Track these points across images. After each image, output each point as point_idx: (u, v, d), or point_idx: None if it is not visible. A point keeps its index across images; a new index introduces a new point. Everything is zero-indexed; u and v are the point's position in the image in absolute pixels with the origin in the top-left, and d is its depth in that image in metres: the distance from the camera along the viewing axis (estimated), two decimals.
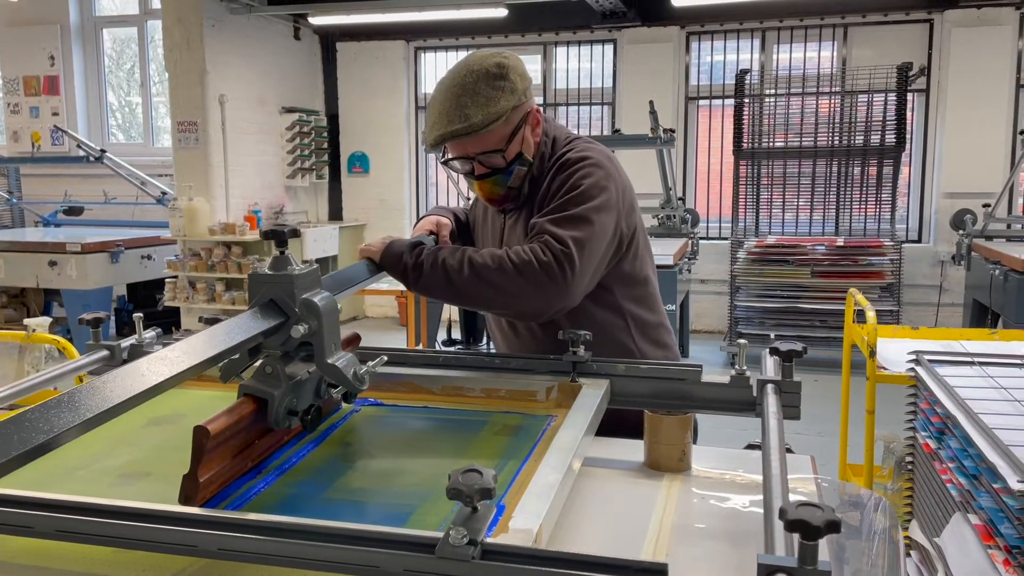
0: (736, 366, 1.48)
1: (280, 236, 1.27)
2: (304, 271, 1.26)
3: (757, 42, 7.80)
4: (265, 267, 1.26)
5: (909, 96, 7.04)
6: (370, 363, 1.33)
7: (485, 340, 6.69)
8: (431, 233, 1.90)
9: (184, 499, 1.09)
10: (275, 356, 1.24)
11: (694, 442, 1.90)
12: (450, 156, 1.80)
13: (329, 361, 1.25)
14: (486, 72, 1.69)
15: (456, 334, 7.04)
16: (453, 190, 8.14)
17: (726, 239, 7.54)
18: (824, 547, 0.82)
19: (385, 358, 1.40)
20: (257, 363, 1.26)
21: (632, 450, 1.44)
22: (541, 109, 1.85)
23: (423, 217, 1.99)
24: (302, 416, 1.27)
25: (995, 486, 1.55)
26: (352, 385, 1.27)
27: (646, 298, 1.90)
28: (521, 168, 1.79)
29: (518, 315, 1.77)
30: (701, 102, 8.08)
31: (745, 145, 7.20)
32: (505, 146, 1.74)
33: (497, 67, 1.70)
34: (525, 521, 0.99)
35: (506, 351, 1.93)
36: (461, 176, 1.93)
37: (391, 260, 1.69)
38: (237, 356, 1.21)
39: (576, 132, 2.09)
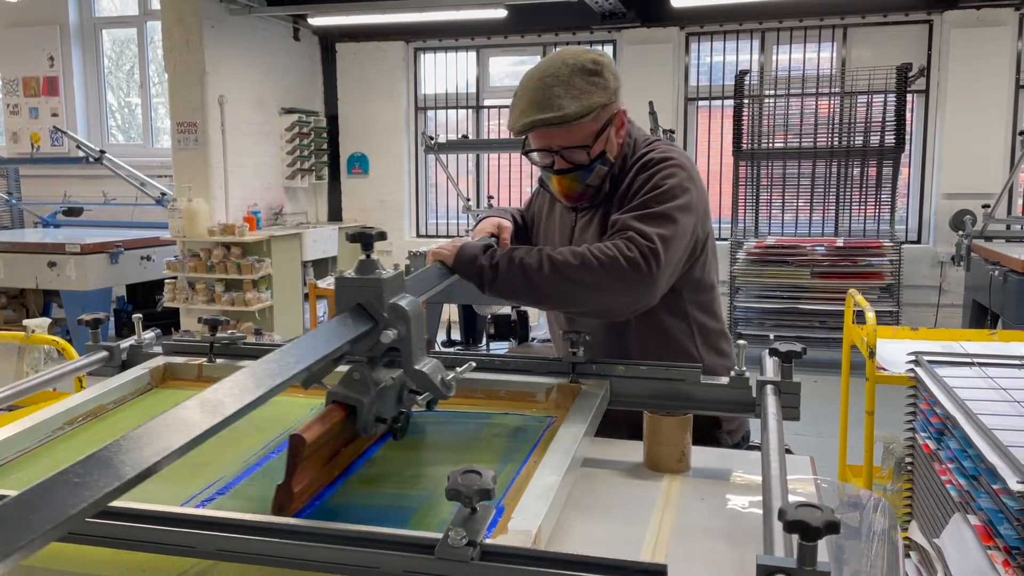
0: (736, 367, 1.48)
1: (367, 239, 1.23)
2: (392, 275, 1.22)
3: (756, 43, 7.80)
4: (348, 272, 1.23)
5: (908, 97, 7.04)
6: (458, 368, 1.30)
7: (484, 341, 6.68)
8: (492, 235, 1.86)
9: (278, 510, 1.06)
10: (361, 362, 1.21)
11: (743, 447, 1.89)
12: (532, 147, 1.78)
13: (417, 367, 1.22)
14: (582, 67, 1.69)
15: (456, 335, 7.04)
16: (452, 191, 8.14)
17: (725, 240, 7.54)
18: (823, 548, 0.82)
19: (473, 364, 1.36)
20: (340, 369, 1.23)
21: (632, 451, 1.44)
22: (627, 111, 1.83)
23: (482, 219, 1.95)
24: (391, 424, 1.22)
25: (994, 487, 1.55)
26: (440, 392, 1.23)
27: (711, 305, 1.89)
28: (602, 167, 1.77)
29: (599, 313, 1.70)
30: (701, 103, 8.07)
31: (745, 146, 7.20)
32: (591, 143, 1.72)
33: (593, 63, 1.70)
34: (524, 522, 0.99)
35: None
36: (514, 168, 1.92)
37: (465, 263, 1.64)
38: None
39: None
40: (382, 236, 1.26)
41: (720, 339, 1.91)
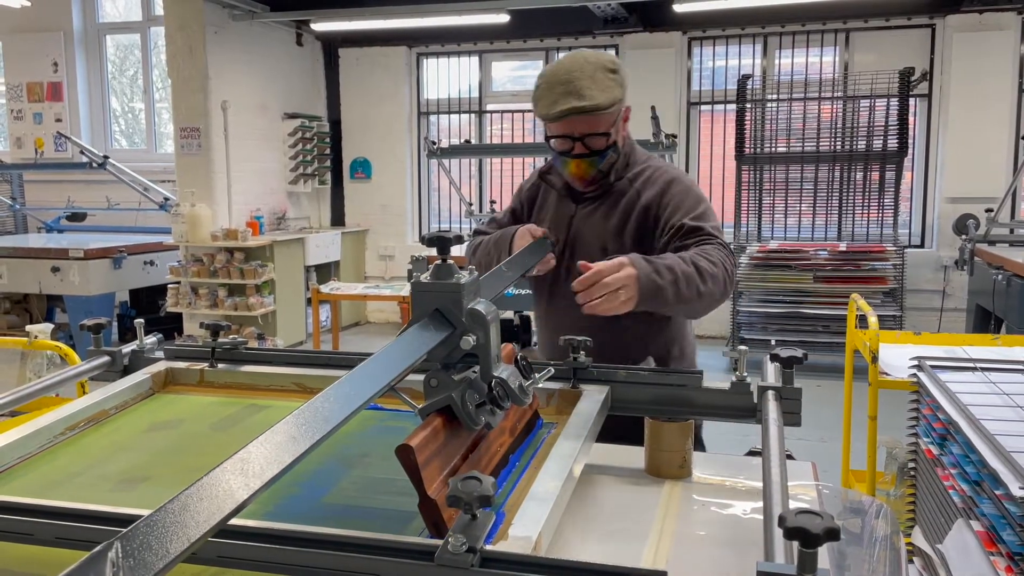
0: (737, 372, 1.47)
1: (444, 242, 1.20)
2: (470, 279, 1.20)
3: (759, 47, 7.81)
4: (424, 276, 1.20)
5: (911, 101, 7.04)
6: (536, 375, 1.30)
7: None
8: (547, 238, 2.03)
9: (433, 527, 1.03)
10: (436, 369, 1.19)
11: (703, 449, 1.91)
12: (555, 134, 1.96)
13: (495, 374, 1.19)
14: (603, 65, 1.92)
15: None
16: (455, 196, 8.14)
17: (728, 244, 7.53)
18: (824, 554, 0.82)
19: (551, 370, 1.36)
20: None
21: (633, 457, 1.44)
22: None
23: (511, 237, 2.04)
24: (489, 397, 1.17)
25: (997, 492, 1.54)
26: (519, 399, 1.21)
27: None
28: (613, 155, 1.99)
29: (707, 312, 1.92)
30: (703, 107, 8.09)
31: (747, 150, 7.20)
32: (610, 131, 1.95)
33: (611, 63, 1.94)
34: (524, 528, 0.99)
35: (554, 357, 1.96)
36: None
37: (649, 291, 1.72)
38: None
39: None
40: (459, 240, 1.24)
41: (693, 340, 2.17)
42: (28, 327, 3.46)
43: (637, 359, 1.64)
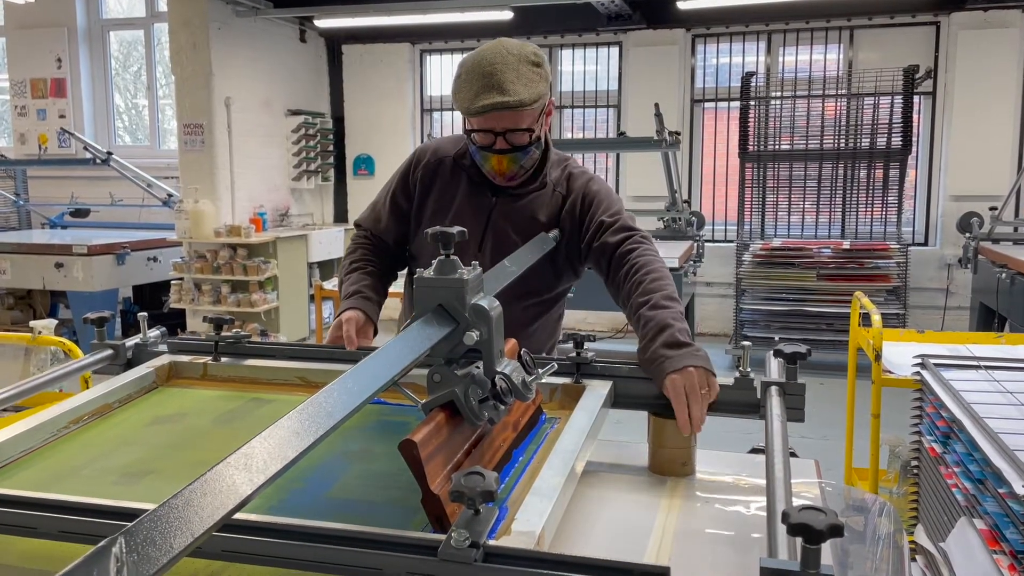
0: (740, 368, 1.47)
1: (447, 238, 1.21)
2: (473, 275, 1.21)
3: (763, 44, 7.79)
4: (428, 272, 1.20)
5: (915, 99, 7.01)
6: (540, 370, 1.31)
7: None
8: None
9: (436, 521, 1.04)
10: (439, 364, 1.19)
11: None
12: (475, 128, 1.86)
13: (498, 369, 1.20)
14: (526, 57, 1.82)
15: None
16: None
17: (731, 242, 7.53)
18: (827, 551, 0.82)
19: (555, 366, 1.36)
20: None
21: (636, 454, 1.44)
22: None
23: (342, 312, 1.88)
24: (493, 393, 1.17)
25: (1000, 491, 1.54)
26: (522, 394, 1.22)
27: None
28: (535, 151, 1.91)
29: None
30: (707, 104, 8.07)
31: (751, 148, 7.18)
32: (534, 126, 1.86)
33: (535, 55, 1.85)
34: (527, 524, 0.99)
35: None
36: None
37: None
38: None
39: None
40: (463, 235, 1.24)
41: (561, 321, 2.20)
42: (32, 323, 3.47)
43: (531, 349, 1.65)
